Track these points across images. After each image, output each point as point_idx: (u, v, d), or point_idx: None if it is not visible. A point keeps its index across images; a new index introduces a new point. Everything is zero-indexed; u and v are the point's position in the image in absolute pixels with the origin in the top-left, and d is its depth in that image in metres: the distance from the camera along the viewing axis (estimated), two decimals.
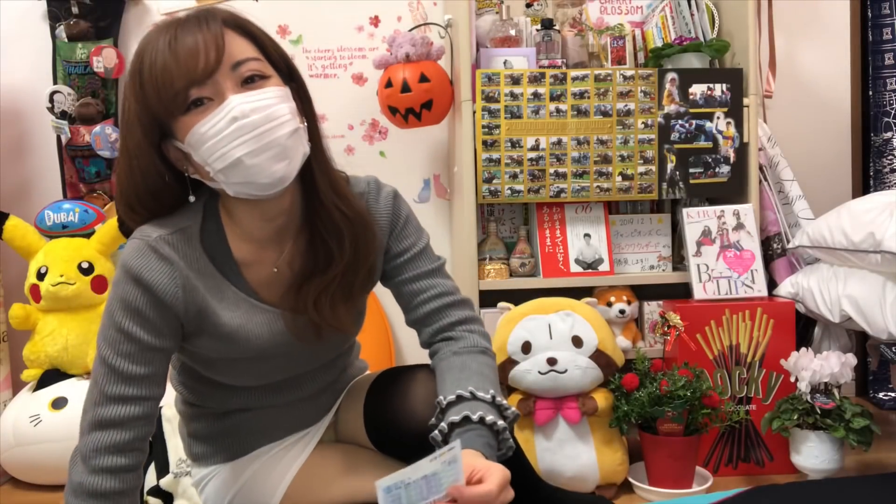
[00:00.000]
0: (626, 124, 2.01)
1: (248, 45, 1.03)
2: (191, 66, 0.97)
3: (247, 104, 0.98)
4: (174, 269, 1.04)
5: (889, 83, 2.45)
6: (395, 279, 1.20)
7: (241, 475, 1.19)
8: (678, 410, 1.68)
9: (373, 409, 1.20)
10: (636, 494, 1.77)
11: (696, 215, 2.02)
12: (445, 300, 1.19)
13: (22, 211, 2.23)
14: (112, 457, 1.00)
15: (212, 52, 0.98)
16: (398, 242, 1.19)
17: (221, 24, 1.02)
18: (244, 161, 0.98)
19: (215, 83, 0.99)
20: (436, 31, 2.28)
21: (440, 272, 1.21)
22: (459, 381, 1.09)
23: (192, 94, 0.98)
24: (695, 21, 2.16)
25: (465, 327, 1.19)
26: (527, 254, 2.06)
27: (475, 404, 1.05)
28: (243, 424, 1.20)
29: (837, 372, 1.73)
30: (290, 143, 1.02)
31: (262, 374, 1.16)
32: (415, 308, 1.20)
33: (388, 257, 1.20)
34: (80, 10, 2.31)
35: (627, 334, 2.04)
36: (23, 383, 2.13)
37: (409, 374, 1.20)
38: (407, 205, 1.23)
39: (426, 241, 1.22)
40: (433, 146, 2.49)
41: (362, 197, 1.17)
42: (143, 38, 1.03)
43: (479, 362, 1.14)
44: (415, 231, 1.21)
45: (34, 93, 2.35)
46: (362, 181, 1.20)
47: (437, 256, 1.23)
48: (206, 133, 0.98)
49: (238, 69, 1.00)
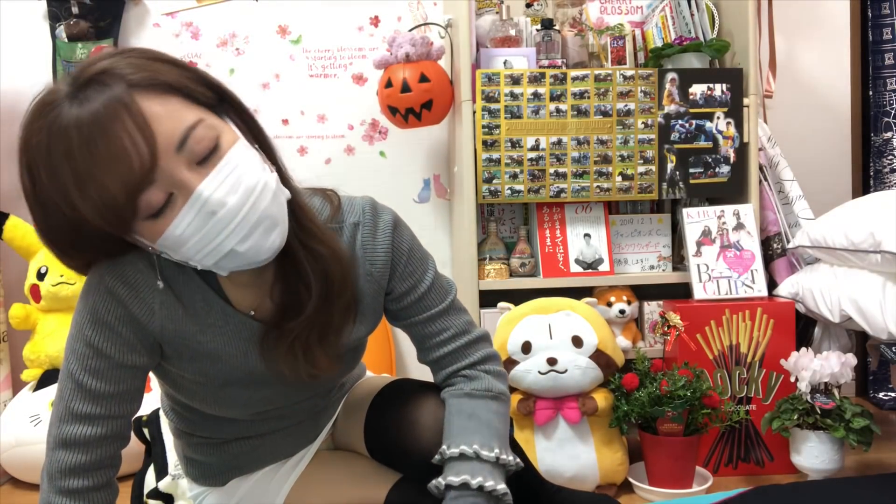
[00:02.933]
0: (626, 124, 2.01)
1: (177, 107, 0.83)
2: (123, 172, 0.78)
3: (219, 190, 0.82)
4: (151, 282, 0.94)
5: (889, 83, 2.45)
6: (404, 321, 1.11)
7: (239, 489, 1.18)
8: (678, 410, 1.68)
9: (375, 428, 1.16)
10: (636, 494, 1.77)
11: (696, 215, 2.02)
12: (459, 342, 1.10)
13: (22, 211, 2.22)
14: (76, 479, 0.94)
15: (141, 146, 0.79)
16: (402, 282, 1.08)
17: (132, 95, 0.80)
18: (238, 249, 0.86)
19: (167, 177, 0.81)
20: (436, 31, 2.28)
21: (452, 309, 1.11)
22: (466, 431, 1.04)
23: (141, 202, 0.81)
24: (695, 21, 2.16)
25: (483, 367, 1.11)
26: (527, 254, 2.06)
27: (477, 466, 1.01)
28: (241, 454, 1.15)
29: (837, 372, 1.73)
30: (275, 208, 0.88)
31: (249, 404, 1.08)
32: (427, 350, 1.12)
33: (393, 298, 1.09)
34: (80, 10, 2.31)
35: (627, 334, 2.04)
36: (23, 383, 2.13)
37: (415, 398, 1.14)
38: (408, 232, 1.10)
39: (433, 274, 1.10)
40: (433, 146, 2.49)
41: (357, 228, 1.05)
42: (24, 135, 0.84)
43: (490, 410, 1.07)
44: (419, 265, 1.09)
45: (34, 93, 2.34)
46: (357, 207, 1.06)
47: (447, 288, 1.12)
48: (182, 234, 0.83)
49: (184, 147, 0.82)
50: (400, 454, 1.12)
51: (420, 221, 2.49)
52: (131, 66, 0.82)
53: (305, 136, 2.47)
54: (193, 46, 2.43)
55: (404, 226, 1.09)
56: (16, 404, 2.01)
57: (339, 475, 1.18)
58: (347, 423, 1.22)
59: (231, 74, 2.44)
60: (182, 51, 2.42)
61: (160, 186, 0.81)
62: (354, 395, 1.25)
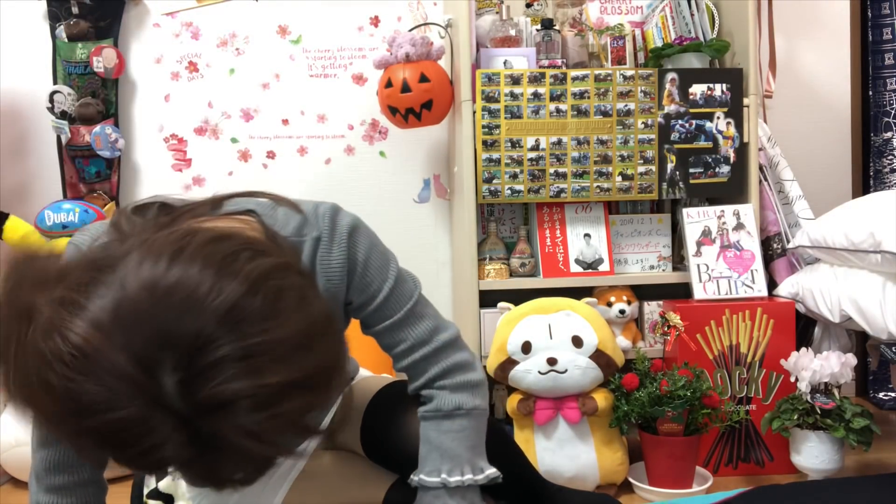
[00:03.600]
0: (626, 124, 2.00)
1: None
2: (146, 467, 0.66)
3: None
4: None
5: (889, 83, 2.45)
6: (369, 329, 1.09)
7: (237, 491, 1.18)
8: (678, 410, 1.68)
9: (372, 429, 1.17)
10: (636, 494, 1.77)
11: (696, 215, 2.02)
12: (418, 354, 1.07)
13: (22, 211, 2.23)
14: (62, 475, 0.95)
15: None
16: (359, 293, 1.04)
17: (184, 431, 0.62)
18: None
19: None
20: (436, 31, 2.28)
21: (411, 317, 1.06)
22: (420, 459, 1.07)
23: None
24: (695, 21, 2.16)
25: (439, 383, 1.07)
26: (527, 254, 2.06)
27: (425, 497, 1.05)
28: None
29: (837, 372, 1.73)
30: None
31: None
32: (395, 360, 1.10)
33: (353, 308, 1.06)
34: (80, 10, 2.31)
35: (627, 334, 2.04)
36: None
37: (412, 400, 1.13)
38: (367, 239, 1.04)
39: (392, 281, 1.05)
40: (433, 146, 2.49)
41: (318, 242, 1.00)
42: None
43: (439, 430, 1.06)
44: (377, 274, 1.04)
45: (34, 93, 2.35)
46: (319, 219, 1.00)
47: (409, 292, 1.07)
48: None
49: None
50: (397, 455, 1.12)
51: (420, 221, 2.49)
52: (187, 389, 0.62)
53: (305, 136, 2.47)
54: (193, 46, 2.43)
55: (364, 234, 1.04)
56: None
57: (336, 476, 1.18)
58: (344, 424, 1.22)
59: (231, 74, 2.44)
60: (182, 51, 2.43)
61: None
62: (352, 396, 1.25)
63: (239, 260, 0.66)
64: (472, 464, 1.06)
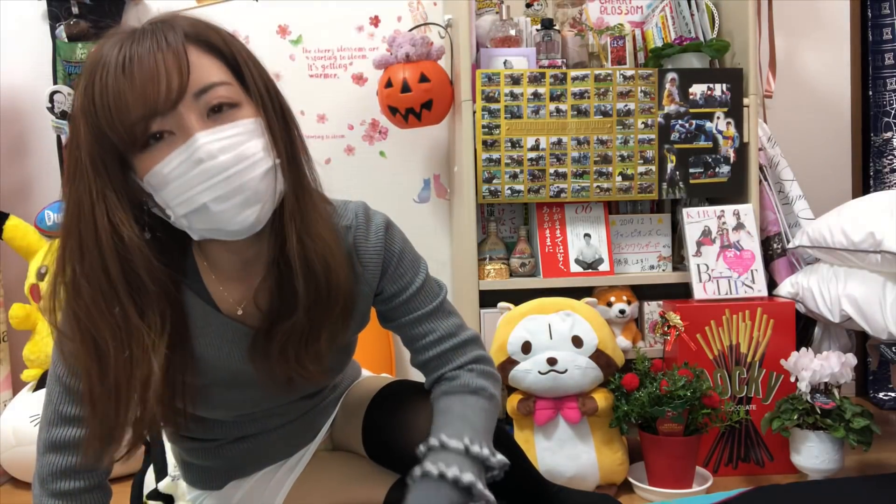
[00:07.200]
0: (626, 124, 2.01)
1: (215, 66, 0.89)
2: (149, 94, 0.84)
3: (214, 143, 0.86)
4: None
5: (889, 83, 2.45)
6: (394, 322, 1.12)
7: (237, 492, 1.17)
8: (678, 410, 1.68)
9: (373, 429, 1.16)
10: (636, 494, 1.77)
11: (696, 215, 2.02)
12: (446, 345, 1.10)
13: (22, 211, 2.23)
14: (68, 481, 0.96)
15: (174, 78, 0.85)
16: (392, 283, 1.08)
17: (184, 40, 0.87)
18: (210, 207, 0.87)
19: (177, 115, 0.85)
20: (436, 31, 2.28)
21: (440, 311, 1.11)
22: (438, 427, 1.03)
23: (151, 127, 0.85)
24: (695, 21, 2.16)
25: (467, 367, 1.11)
26: (527, 254, 2.06)
27: (442, 455, 0.99)
28: (235, 456, 1.14)
29: (837, 372, 1.73)
30: (263, 185, 0.89)
31: (232, 405, 1.07)
32: (416, 353, 1.12)
33: (383, 299, 1.09)
34: (80, 10, 2.31)
35: (627, 334, 2.04)
36: (23, 383, 2.13)
37: (413, 400, 1.14)
38: (401, 234, 1.10)
39: (423, 276, 1.11)
40: (433, 146, 2.49)
41: (349, 231, 1.04)
42: (93, 51, 0.88)
43: (465, 405, 1.06)
44: (410, 267, 1.09)
45: (34, 93, 2.35)
46: (350, 212, 1.06)
47: (437, 290, 1.13)
48: (168, 174, 0.86)
49: (203, 97, 0.87)
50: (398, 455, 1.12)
51: (420, 221, 2.49)
52: (190, 23, 0.90)
53: (305, 136, 2.43)
54: None
55: (396, 229, 1.10)
56: (16, 404, 2.01)
57: (337, 476, 1.18)
58: (346, 424, 1.22)
59: None
60: None
61: (169, 121, 0.85)
62: (353, 396, 1.25)
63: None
64: (489, 443, 1.05)
